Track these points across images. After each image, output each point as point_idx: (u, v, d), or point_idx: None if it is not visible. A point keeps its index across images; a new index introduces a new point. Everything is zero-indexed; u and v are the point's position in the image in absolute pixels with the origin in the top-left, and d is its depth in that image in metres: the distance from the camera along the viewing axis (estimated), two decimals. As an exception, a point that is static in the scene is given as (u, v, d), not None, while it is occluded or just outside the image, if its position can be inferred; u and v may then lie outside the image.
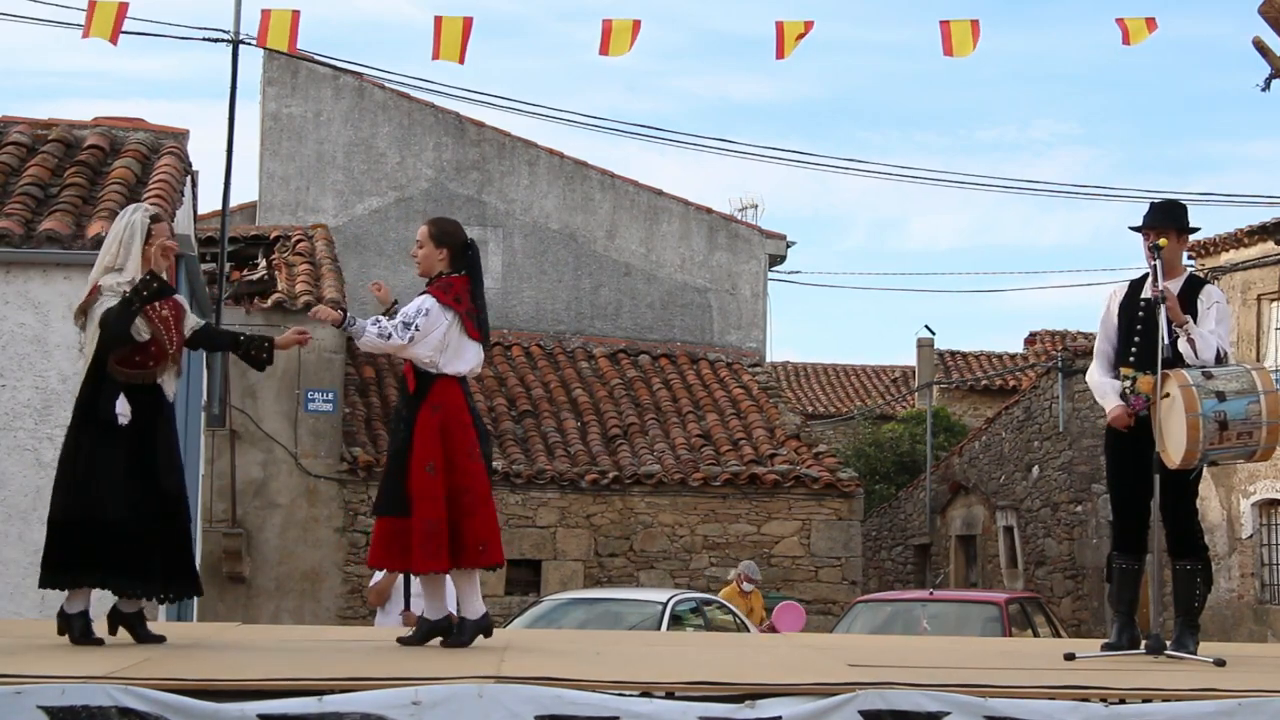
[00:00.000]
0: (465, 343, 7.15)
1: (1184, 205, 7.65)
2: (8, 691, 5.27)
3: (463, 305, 7.13)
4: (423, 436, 7.04)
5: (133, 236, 7.04)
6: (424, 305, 7.08)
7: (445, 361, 7.11)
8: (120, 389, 6.94)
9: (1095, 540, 24.11)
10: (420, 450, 7.03)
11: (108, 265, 7.02)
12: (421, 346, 7.06)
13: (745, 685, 5.57)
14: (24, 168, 13.18)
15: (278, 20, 11.57)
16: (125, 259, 7.00)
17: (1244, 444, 6.98)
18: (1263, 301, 22.53)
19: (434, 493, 6.98)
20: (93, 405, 6.92)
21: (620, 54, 11.27)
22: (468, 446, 7.10)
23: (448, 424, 7.06)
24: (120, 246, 7.02)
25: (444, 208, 23.35)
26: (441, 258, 7.20)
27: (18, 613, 10.97)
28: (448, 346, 7.10)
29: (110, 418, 6.90)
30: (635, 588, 18.82)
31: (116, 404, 6.91)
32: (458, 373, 7.16)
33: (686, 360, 24.13)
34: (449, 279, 7.18)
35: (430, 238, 7.22)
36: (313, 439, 19.95)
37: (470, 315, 7.15)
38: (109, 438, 6.91)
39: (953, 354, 37.78)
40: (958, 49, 11.40)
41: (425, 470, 7.00)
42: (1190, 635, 7.27)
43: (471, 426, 7.15)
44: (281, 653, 6.99)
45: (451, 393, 7.13)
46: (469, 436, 7.12)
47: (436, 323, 7.06)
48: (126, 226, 7.07)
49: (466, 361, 7.18)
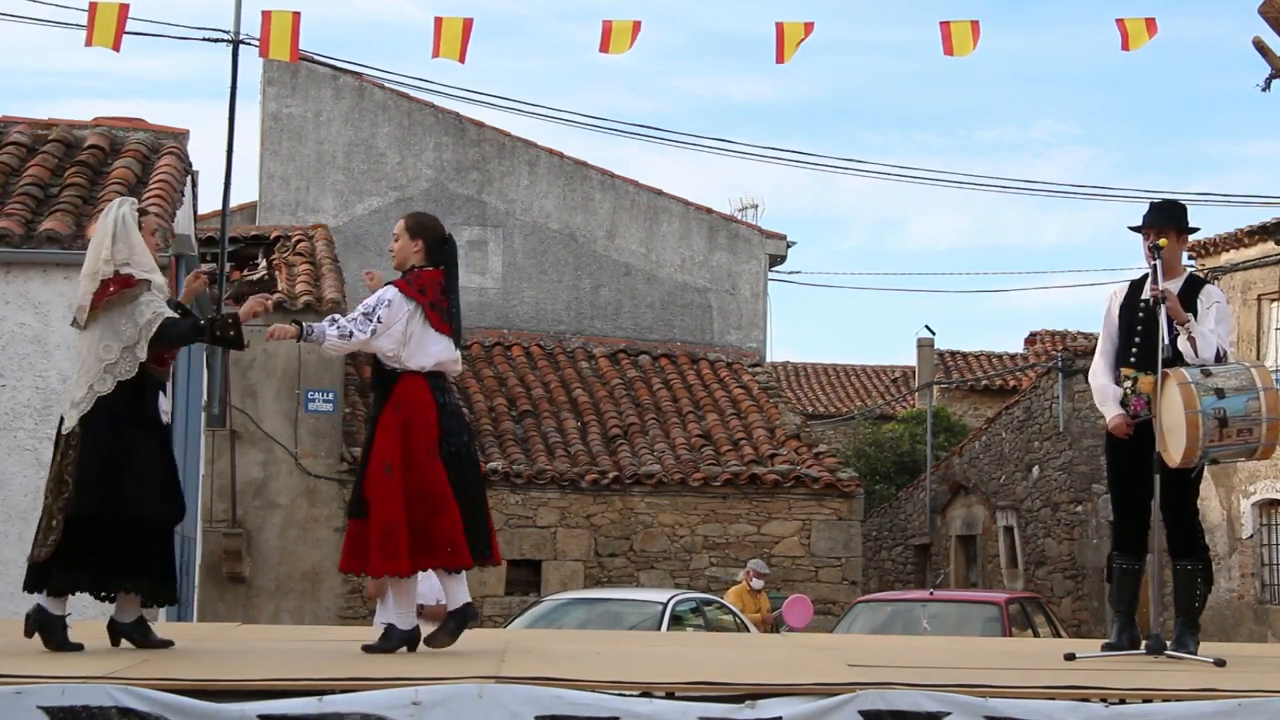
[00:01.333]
0: (429, 335, 6.95)
1: (1184, 205, 7.65)
2: (8, 691, 5.27)
3: (427, 296, 6.95)
4: (383, 436, 6.88)
5: (128, 229, 6.93)
6: (385, 296, 6.93)
7: (408, 355, 6.94)
8: (160, 387, 6.92)
9: (1095, 540, 24.11)
10: (379, 450, 6.88)
11: (106, 259, 6.89)
12: (384, 339, 6.91)
13: (745, 685, 5.57)
14: (24, 168, 13.19)
15: (279, 26, 11.57)
16: (130, 253, 6.89)
17: (1244, 441, 6.97)
18: (1263, 301, 22.53)
19: (391, 493, 6.79)
20: (138, 403, 6.82)
21: (620, 52, 11.27)
22: (428, 444, 6.87)
23: (410, 422, 6.87)
24: (117, 241, 6.89)
25: (444, 208, 23.35)
26: (416, 249, 7.06)
27: (17, 613, 10.89)
28: (410, 338, 6.92)
29: (155, 415, 6.88)
30: (635, 588, 18.82)
31: (160, 402, 6.90)
32: (421, 367, 6.95)
33: (686, 360, 24.13)
34: (418, 272, 7.03)
35: (406, 229, 7.10)
36: (313, 439, 19.95)
37: (435, 307, 6.96)
38: (153, 436, 6.88)
39: (953, 354, 37.78)
40: (958, 48, 11.40)
41: (383, 470, 6.83)
42: (1190, 635, 7.27)
43: (435, 424, 6.91)
44: (281, 653, 6.99)
45: (416, 390, 6.93)
46: (431, 434, 6.89)
47: (398, 314, 6.90)
48: (118, 220, 6.94)
49: (431, 356, 6.97)
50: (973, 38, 11.42)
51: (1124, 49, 11.42)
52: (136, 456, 6.78)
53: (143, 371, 6.81)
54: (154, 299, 6.85)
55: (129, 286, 6.83)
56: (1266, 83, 10.46)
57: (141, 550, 6.78)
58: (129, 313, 6.80)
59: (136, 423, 6.82)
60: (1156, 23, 11.38)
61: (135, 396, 6.82)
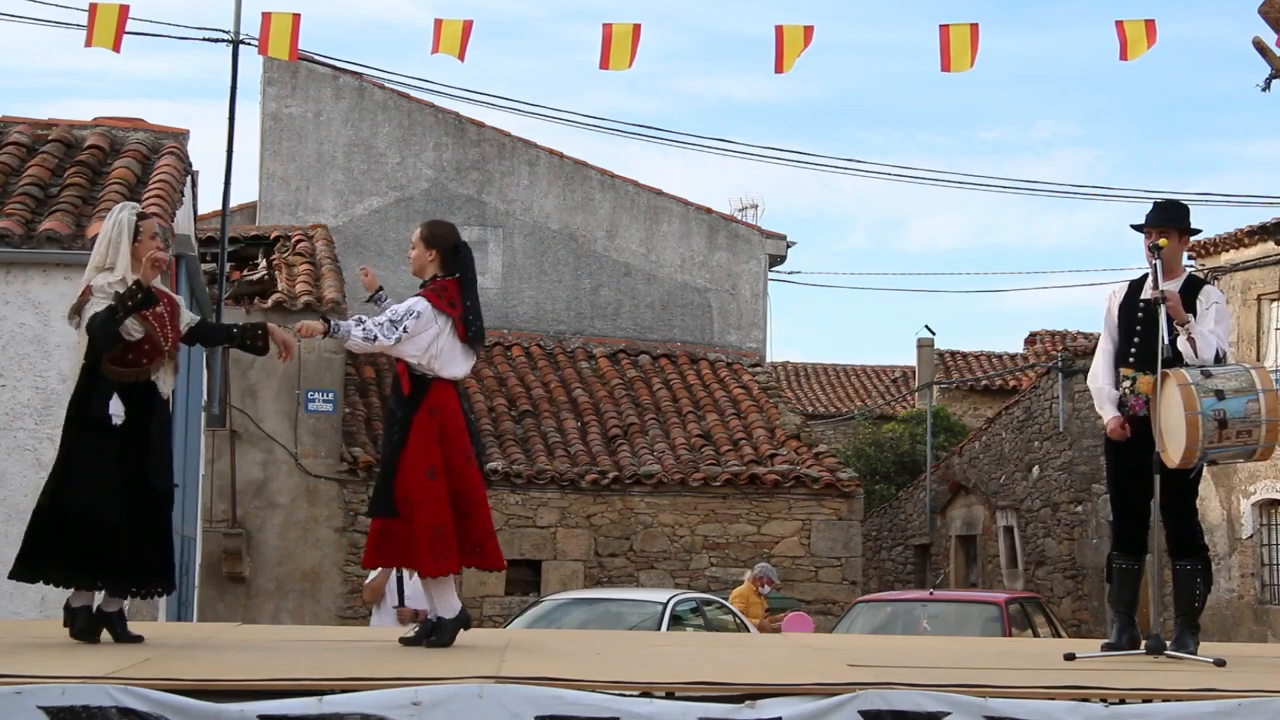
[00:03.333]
0: (459, 347, 7.21)
1: (1186, 206, 7.64)
2: (8, 691, 5.27)
3: (457, 310, 7.19)
4: (420, 440, 7.09)
5: (120, 235, 7.10)
6: (415, 308, 7.14)
7: (441, 366, 7.18)
8: (114, 388, 6.97)
9: (1095, 540, 24.11)
10: (420, 454, 7.08)
11: (98, 265, 7.08)
12: (409, 345, 7.11)
13: (745, 685, 5.57)
14: (24, 168, 13.18)
15: (279, 27, 11.57)
16: (115, 257, 7.06)
17: (1243, 443, 6.97)
18: (1263, 301, 22.52)
19: (438, 495, 7.04)
20: (86, 404, 6.96)
21: (620, 68, 11.26)
22: (464, 450, 7.17)
23: (446, 428, 7.13)
24: (109, 245, 7.08)
25: (444, 208, 23.36)
26: (432, 259, 7.28)
27: (17, 613, 10.96)
28: (442, 351, 7.16)
29: (104, 417, 6.94)
30: (635, 588, 18.82)
31: (110, 404, 6.94)
32: (453, 377, 7.23)
33: (686, 360, 24.13)
34: (442, 282, 7.25)
35: (421, 239, 7.33)
36: (313, 439, 19.95)
37: (464, 320, 7.20)
38: (102, 437, 6.95)
39: (953, 354, 37.78)
40: (955, 63, 11.33)
41: (427, 475, 7.05)
42: (1190, 635, 7.27)
43: (465, 430, 7.22)
44: (281, 653, 6.99)
45: (448, 396, 7.20)
46: (465, 440, 7.19)
47: (427, 326, 7.11)
48: (114, 225, 7.13)
49: (461, 366, 7.25)
50: (971, 48, 11.35)
51: (1122, 58, 11.40)
52: (82, 457, 6.93)
53: (96, 374, 6.94)
54: (94, 303, 6.96)
55: (83, 298, 7.02)
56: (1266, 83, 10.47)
57: (95, 547, 6.90)
58: (81, 320, 7.01)
59: (85, 424, 6.95)
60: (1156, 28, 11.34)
61: (84, 398, 6.97)
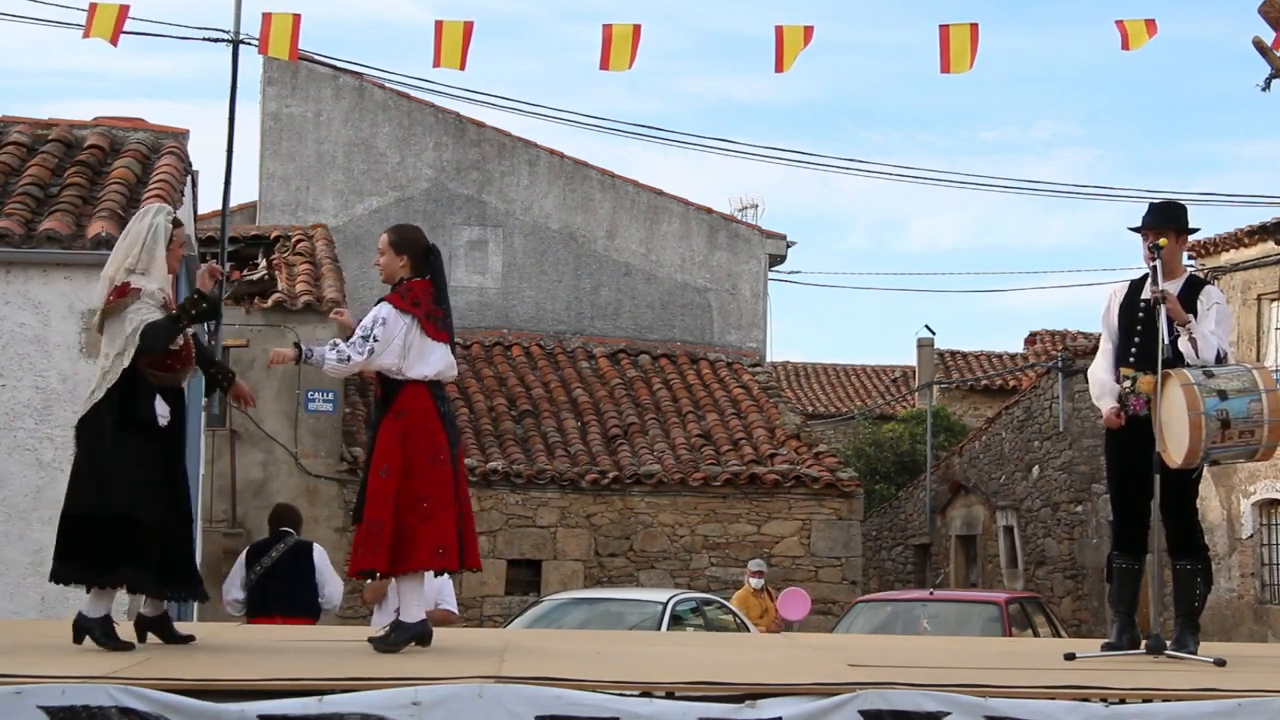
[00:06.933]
0: (428, 344, 7.09)
1: (1184, 206, 7.65)
2: (8, 691, 5.27)
3: (421, 308, 7.08)
4: (383, 442, 7.01)
5: (156, 240, 7.00)
6: (380, 314, 7.05)
7: (409, 365, 7.07)
8: (155, 391, 6.95)
9: (1095, 540, 24.11)
10: (379, 455, 7.01)
11: (129, 266, 6.96)
12: (385, 357, 7.02)
13: (745, 685, 5.57)
14: (24, 168, 13.17)
15: (279, 27, 11.55)
16: (149, 263, 6.97)
17: (1246, 443, 6.97)
18: (1263, 301, 22.52)
19: (383, 493, 6.93)
20: (131, 406, 6.89)
21: (620, 69, 11.24)
22: (431, 452, 7.01)
23: (410, 429, 7.00)
24: (143, 250, 6.97)
25: (444, 208, 23.37)
26: (403, 264, 7.19)
27: (17, 613, 10.96)
28: (409, 349, 7.05)
29: (150, 418, 6.91)
30: (635, 588, 18.82)
31: (156, 405, 6.93)
32: (423, 376, 7.09)
33: (686, 360, 24.13)
34: (408, 284, 7.16)
35: (390, 245, 7.21)
36: (313, 439, 19.94)
37: (430, 317, 7.09)
38: (146, 438, 6.92)
39: (953, 354, 37.79)
40: (955, 64, 11.32)
41: (379, 474, 6.97)
42: (1190, 635, 7.27)
43: (440, 432, 7.07)
44: (281, 653, 6.99)
45: (418, 398, 7.07)
46: (435, 442, 7.04)
47: (395, 329, 7.01)
48: (150, 229, 7.01)
49: (431, 364, 7.10)
50: (971, 49, 11.33)
51: (1124, 48, 11.40)
52: (128, 457, 6.85)
53: (138, 376, 6.88)
54: (142, 307, 6.90)
55: (123, 295, 6.92)
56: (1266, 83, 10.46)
57: (134, 546, 6.84)
58: (122, 320, 6.89)
59: (129, 425, 6.89)
60: (1156, 24, 11.37)
61: (128, 400, 6.89)
